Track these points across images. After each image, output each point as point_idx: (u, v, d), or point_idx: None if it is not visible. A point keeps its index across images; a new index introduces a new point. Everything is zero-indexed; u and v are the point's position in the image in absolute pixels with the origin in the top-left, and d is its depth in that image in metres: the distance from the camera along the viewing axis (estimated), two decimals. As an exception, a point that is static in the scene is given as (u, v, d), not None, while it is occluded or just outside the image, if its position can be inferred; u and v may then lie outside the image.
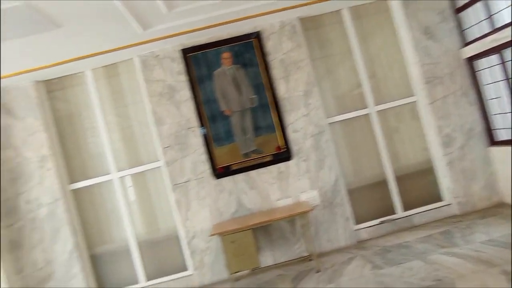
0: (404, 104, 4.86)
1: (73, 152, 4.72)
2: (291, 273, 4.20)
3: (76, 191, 4.68)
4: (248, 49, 4.64)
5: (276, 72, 4.63)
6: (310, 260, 4.37)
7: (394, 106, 4.85)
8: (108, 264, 4.70)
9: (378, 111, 4.82)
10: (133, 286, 4.62)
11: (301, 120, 4.62)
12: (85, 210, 4.71)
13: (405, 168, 4.85)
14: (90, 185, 4.68)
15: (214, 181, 4.54)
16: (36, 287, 4.43)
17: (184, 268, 4.65)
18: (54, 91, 4.75)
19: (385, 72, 4.91)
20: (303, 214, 4.09)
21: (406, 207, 4.79)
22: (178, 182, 4.52)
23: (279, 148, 4.59)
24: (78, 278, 4.46)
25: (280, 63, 4.64)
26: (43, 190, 4.48)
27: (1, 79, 4.26)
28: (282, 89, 4.63)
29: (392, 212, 4.79)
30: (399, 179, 4.81)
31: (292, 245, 4.56)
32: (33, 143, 4.50)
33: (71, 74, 4.71)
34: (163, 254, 4.70)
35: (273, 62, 4.63)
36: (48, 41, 3.70)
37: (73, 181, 4.67)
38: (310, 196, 4.58)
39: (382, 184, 4.82)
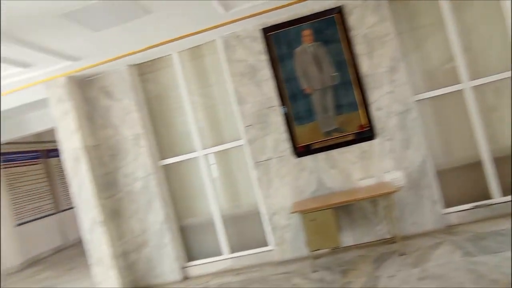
0: (505, 78, 4.36)
1: (163, 130, 5.07)
2: (373, 254, 4.12)
3: (166, 167, 5.04)
4: (329, 25, 4.50)
5: (359, 48, 4.45)
6: (393, 242, 4.23)
7: (493, 81, 4.38)
8: (195, 236, 5.03)
9: (473, 86, 4.40)
10: (218, 257, 4.90)
11: (386, 98, 4.41)
12: (174, 185, 5.06)
13: (504, 150, 4.40)
14: (178, 162, 5.01)
15: (295, 160, 4.56)
16: (134, 252, 4.94)
17: (265, 244, 4.80)
18: (145, 74, 5.10)
19: (483, 43, 4.44)
20: (387, 195, 3.95)
21: (505, 192, 4.37)
22: (260, 160, 4.63)
23: (361, 126, 4.45)
24: (169, 247, 4.85)
25: (363, 38, 4.44)
26: (137, 165, 4.90)
27: (102, 65, 4.68)
28: (365, 65, 4.44)
29: (488, 196, 4.41)
30: (497, 161, 4.39)
31: (374, 226, 4.45)
32: (129, 122, 4.92)
33: (159, 57, 4.99)
34: (245, 229, 4.90)
35: (356, 37, 4.45)
36: (139, 28, 3.95)
37: (163, 157, 5.03)
38: (394, 176, 4.40)
39: (476, 166, 4.44)
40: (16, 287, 6.61)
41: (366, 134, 4.44)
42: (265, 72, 4.61)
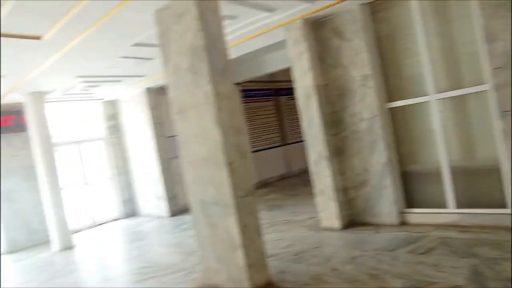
0: None
1: (392, 72, 4.89)
2: None
3: (392, 110, 4.90)
4: None
5: None
6: None
7: None
8: (417, 183, 4.85)
9: None
10: (442, 209, 4.61)
11: None
12: (400, 129, 4.92)
13: None
14: (406, 105, 4.79)
15: (560, 111, 3.69)
16: (354, 189, 5.18)
17: (503, 205, 4.19)
18: (378, 12, 4.91)
19: None
20: None
21: None
22: (508, 109, 3.94)
23: None
24: (388, 190, 4.86)
25: None
26: (364, 106, 4.94)
27: (336, 5, 4.74)
28: None
29: None
30: None
31: None
32: (358, 63, 4.93)
33: (395, -7, 4.70)
34: (478, 185, 4.39)
35: None
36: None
37: (390, 100, 4.90)
38: None
39: None
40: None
41: None
42: (532, 0, 3.74)
